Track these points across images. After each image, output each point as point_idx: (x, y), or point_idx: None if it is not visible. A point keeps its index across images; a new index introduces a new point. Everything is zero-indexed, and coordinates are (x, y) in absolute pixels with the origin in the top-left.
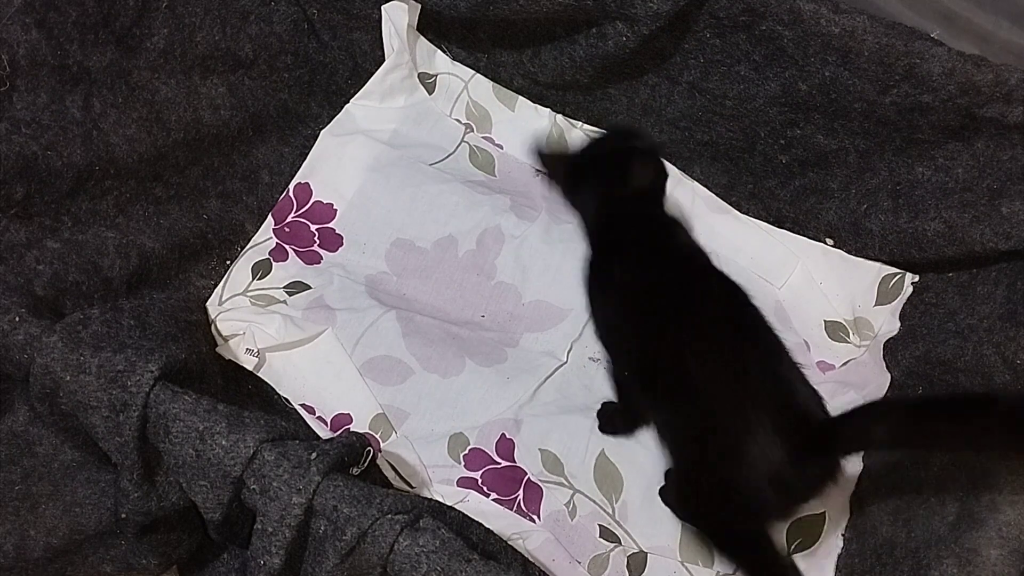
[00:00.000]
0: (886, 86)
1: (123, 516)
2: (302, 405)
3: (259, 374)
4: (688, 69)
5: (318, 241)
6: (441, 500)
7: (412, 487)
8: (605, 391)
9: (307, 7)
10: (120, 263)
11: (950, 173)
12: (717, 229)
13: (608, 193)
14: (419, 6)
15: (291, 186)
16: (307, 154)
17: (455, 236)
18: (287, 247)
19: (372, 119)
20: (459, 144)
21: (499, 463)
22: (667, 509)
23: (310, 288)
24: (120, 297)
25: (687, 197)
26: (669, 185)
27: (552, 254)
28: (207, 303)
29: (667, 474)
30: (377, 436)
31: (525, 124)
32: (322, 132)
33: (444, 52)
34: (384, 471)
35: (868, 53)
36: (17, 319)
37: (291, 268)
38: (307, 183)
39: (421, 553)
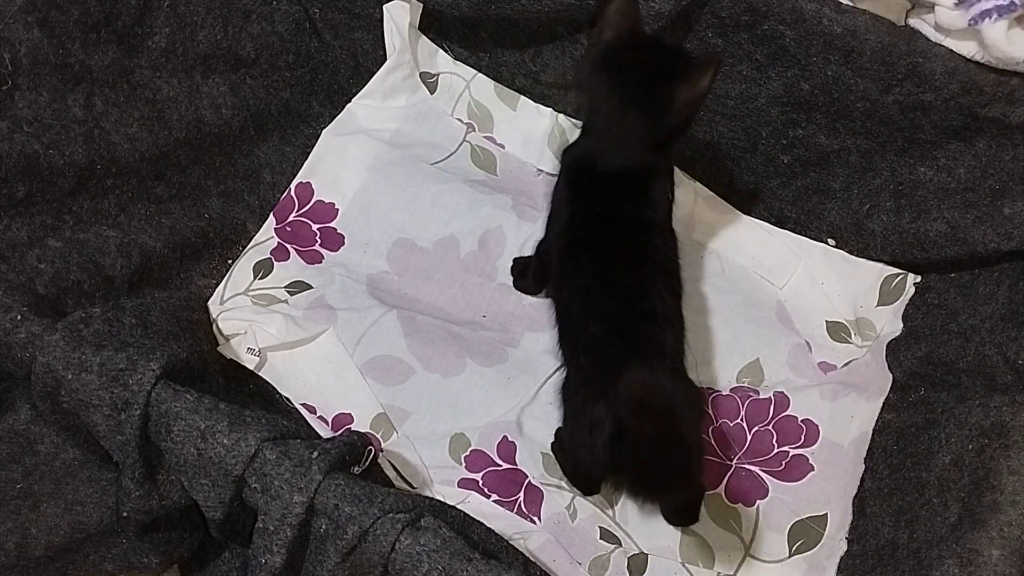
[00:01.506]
0: (888, 85)
1: (124, 515)
2: (303, 404)
3: (260, 373)
4: None
5: (320, 240)
6: (442, 500)
7: (413, 487)
8: None
9: (309, 6)
10: (122, 262)
11: (952, 173)
12: (719, 229)
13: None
14: (421, 5)
15: (293, 185)
16: (309, 153)
17: (457, 236)
18: (289, 246)
19: (374, 118)
20: (461, 143)
21: (500, 465)
22: None
23: (311, 288)
24: (122, 296)
25: (689, 197)
26: None
27: None
28: (208, 302)
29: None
30: (378, 436)
31: (527, 124)
32: (324, 131)
33: (446, 51)
34: (385, 471)
35: (870, 52)
36: (19, 317)
37: (292, 267)
38: (309, 182)
39: (422, 552)
